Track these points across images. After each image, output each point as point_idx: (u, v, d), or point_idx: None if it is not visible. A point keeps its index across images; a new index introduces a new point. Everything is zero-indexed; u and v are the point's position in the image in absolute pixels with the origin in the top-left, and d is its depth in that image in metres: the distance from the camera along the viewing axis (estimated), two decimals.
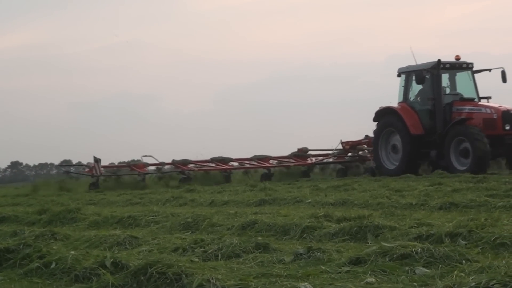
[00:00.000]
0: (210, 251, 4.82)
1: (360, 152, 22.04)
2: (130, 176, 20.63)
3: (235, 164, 21.46)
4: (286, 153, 22.35)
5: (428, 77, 17.84)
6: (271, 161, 21.87)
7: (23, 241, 5.28)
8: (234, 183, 18.56)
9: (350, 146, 21.91)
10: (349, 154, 22.13)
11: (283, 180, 19.09)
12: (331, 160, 22.47)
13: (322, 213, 6.74)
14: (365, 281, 3.45)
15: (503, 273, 2.33)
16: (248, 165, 21.49)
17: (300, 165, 21.45)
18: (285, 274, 3.85)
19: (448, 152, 17.17)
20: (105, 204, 12.27)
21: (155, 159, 21.02)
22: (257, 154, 21.76)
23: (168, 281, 3.72)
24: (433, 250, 3.83)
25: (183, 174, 20.06)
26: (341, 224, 5.89)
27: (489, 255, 4.13)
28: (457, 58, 18.24)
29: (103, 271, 4.05)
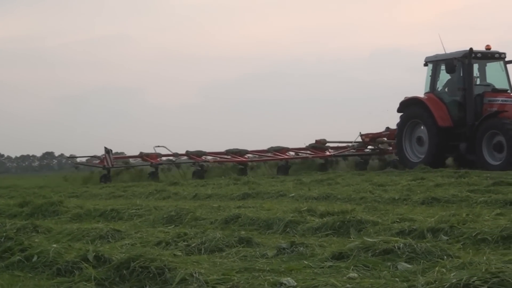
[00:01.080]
0: (193, 245, 4.82)
1: (380, 145, 21.13)
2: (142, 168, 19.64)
3: (251, 156, 20.74)
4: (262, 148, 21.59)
5: (458, 66, 16.93)
6: (288, 153, 20.94)
7: (4, 234, 5.25)
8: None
9: (370, 138, 21.06)
10: (369, 146, 21.33)
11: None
12: (350, 152, 21.38)
13: (306, 208, 6.75)
14: (347, 276, 3.46)
15: (483, 270, 2.34)
16: (265, 157, 20.72)
17: (318, 157, 20.64)
18: (268, 268, 3.86)
19: (480, 146, 16.22)
20: (88, 197, 12.22)
21: (168, 150, 20.23)
22: (240, 148, 20.89)
23: (151, 275, 3.70)
24: (415, 246, 3.85)
25: (198, 166, 19.30)
26: (324, 219, 5.90)
27: (470, 250, 4.16)
28: (488, 48, 17.28)
29: (86, 264, 4.04)
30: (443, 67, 17.40)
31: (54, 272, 4.16)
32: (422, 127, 17.76)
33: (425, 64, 18.20)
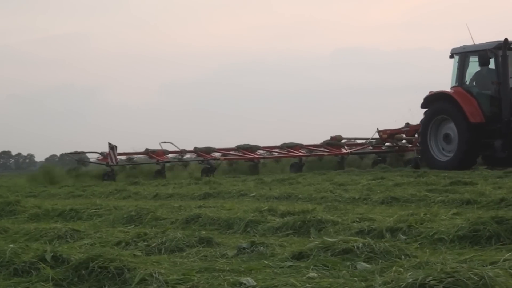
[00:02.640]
0: (153, 245, 4.79)
1: (399, 142, 20.02)
2: (147, 165, 18.69)
3: (262, 152, 19.92)
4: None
5: (491, 58, 15.69)
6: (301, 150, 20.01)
7: None
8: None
9: (388, 135, 19.79)
10: (387, 144, 20.23)
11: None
12: (367, 150, 20.44)
13: (266, 207, 6.77)
14: (307, 276, 3.48)
15: (439, 270, 2.38)
16: (276, 154, 19.88)
17: (334, 155, 19.84)
18: (228, 268, 3.86)
19: None
20: (46, 197, 12.07)
21: (175, 146, 19.25)
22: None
23: (110, 275, 3.67)
24: (374, 245, 3.89)
25: (207, 164, 18.43)
26: (285, 219, 5.92)
27: (427, 250, 4.23)
28: None
29: (43, 265, 3.98)
30: (471, 59, 16.40)
31: (11, 272, 4.09)
32: (450, 124, 16.51)
33: (451, 56, 17.09)
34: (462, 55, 16.73)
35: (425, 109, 17.09)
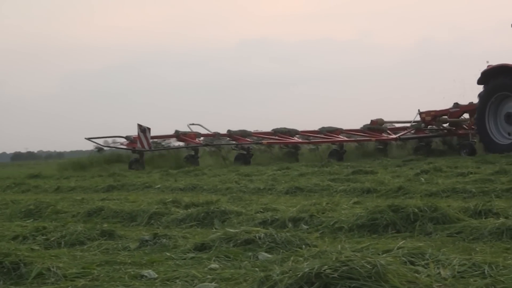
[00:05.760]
0: (52, 239, 4.66)
1: (445, 125, 17.65)
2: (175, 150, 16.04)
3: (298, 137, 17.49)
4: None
5: None
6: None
7: None
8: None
9: (432, 117, 17.51)
10: (430, 126, 17.87)
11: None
12: (411, 134, 17.93)
13: (171, 199, 6.74)
14: (208, 267, 3.49)
15: (334, 259, 2.44)
16: (314, 140, 17.49)
17: (379, 140, 17.46)
18: (129, 261, 3.81)
19: None
20: None
21: (205, 128, 16.84)
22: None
23: (5, 270, 3.54)
24: (275, 235, 3.93)
25: (242, 149, 16.07)
26: (189, 210, 5.91)
27: (327, 239, 4.32)
28: None
29: None
30: None
31: None
32: None
33: None
34: None
35: (483, 86, 15.08)
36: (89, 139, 16.13)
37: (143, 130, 15.17)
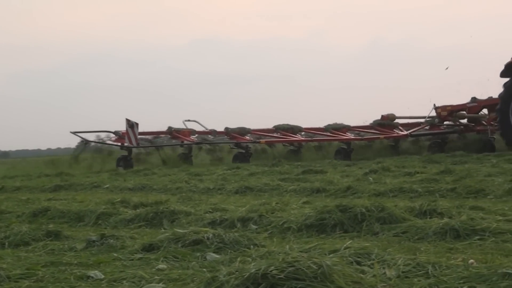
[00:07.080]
0: None
1: (463, 120, 16.74)
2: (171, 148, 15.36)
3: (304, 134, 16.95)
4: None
5: None
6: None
7: None
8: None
9: (449, 112, 16.61)
10: (446, 122, 16.93)
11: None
12: (425, 132, 17.04)
13: (119, 199, 6.68)
14: (156, 268, 3.46)
15: (280, 259, 2.45)
16: (319, 138, 16.75)
17: (390, 137, 16.50)
18: (75, 262, 3.76)
19: None
20: None
21: (201, 125, 16.16)
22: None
23: None
24: (224, 236, 3.93)
25: (241, 148, 15.43)
26: (138, 210, 5.86)
27: (275, 239, 4.33)
28: None
29: None
30: None
31: None
32: None
33: None
34: None
35: (506, 79, 14.25)
36: (74, 133, 15.36)
37: (131, 125, 14.48)
